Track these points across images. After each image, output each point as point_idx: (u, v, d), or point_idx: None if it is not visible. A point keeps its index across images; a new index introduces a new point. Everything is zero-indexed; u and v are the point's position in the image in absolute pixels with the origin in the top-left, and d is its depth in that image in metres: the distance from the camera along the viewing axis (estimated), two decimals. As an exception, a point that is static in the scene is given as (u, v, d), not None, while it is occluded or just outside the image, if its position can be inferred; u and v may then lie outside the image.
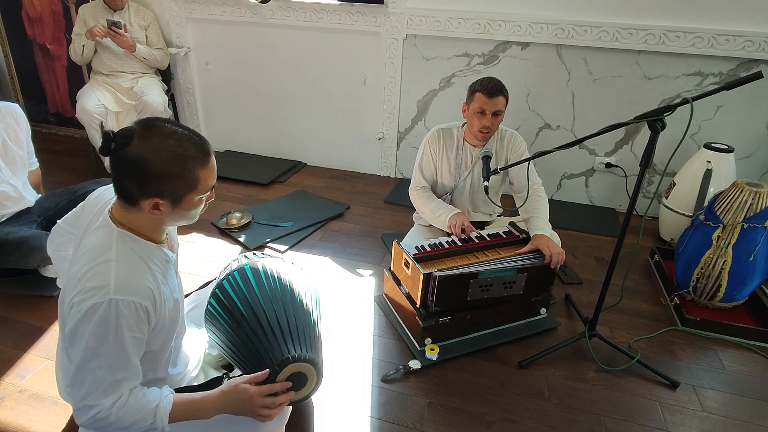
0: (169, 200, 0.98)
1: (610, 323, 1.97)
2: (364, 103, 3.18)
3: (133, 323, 0.96)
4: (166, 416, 1.01)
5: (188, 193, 0.99)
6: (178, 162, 0.95)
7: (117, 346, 0.95)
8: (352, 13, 2.90)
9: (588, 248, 2.55)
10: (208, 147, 1.01)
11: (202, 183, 1.00)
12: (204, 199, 1.05)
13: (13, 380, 1.58)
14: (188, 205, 1.01)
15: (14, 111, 2.04)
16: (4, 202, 2.00)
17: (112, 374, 0.96)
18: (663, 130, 1.37)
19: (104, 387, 0.96)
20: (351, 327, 1.90)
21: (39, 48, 3.56)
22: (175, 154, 0.94)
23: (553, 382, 1.67)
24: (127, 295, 0.95)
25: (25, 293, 1.96)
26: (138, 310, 0.96)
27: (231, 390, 1.08)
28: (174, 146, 0.94)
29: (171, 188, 0.96)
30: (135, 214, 1.02)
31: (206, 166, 0.99)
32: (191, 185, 0.98)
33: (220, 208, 2.77)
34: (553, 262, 1.74)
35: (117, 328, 0.94)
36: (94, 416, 0.97)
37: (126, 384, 1.00)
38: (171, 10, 3.20)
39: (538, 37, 2.68)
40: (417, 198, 2.07)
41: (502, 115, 1.88)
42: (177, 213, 1.02)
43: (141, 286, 0.98)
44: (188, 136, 0.98)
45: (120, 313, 0.93)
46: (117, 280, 0.95)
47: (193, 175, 0.97)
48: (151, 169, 0.93)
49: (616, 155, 2.88)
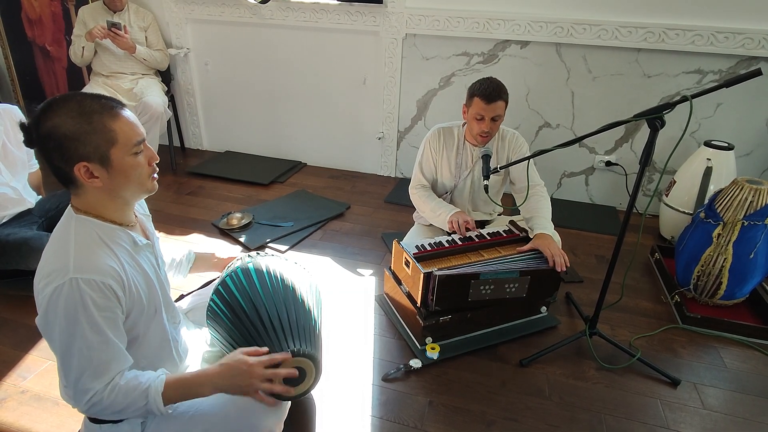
0: (96, 162, 0.97)
1: (611, 321, 1.97)
2: (363, 103, 3.18)
3: (100, 302, 0.96)
4: (158, 396, 1.00)
5: (110, 148, 0.97)
6: (84, 118, 0.95)
7: (91, 325, 0.95)
8: (351, 12, 2.90)
9: (588, 246, 2.55)
10: (114, 102, 1.00)
11: (120, 136, 0.98)
12: (141, 159, 1.03)
13: (15, 381, 1.59)
14: (121, 164, 0.99)
15: (13, 113, 2.04)
16: (5, 203, 2.00)
17: (96, 356, 0.96)
18: (662, 127, 1.37)
19: (92, 369, 0.96)
20: (352, 326, 1.90)
21: (39, 50, 3.56)
22: (78, 113, 0.95)
23: (553, 380, 1.67)
24: (87, 274, 0.95)
25: (26, 294, 1.96)
26: (102, 289, 0.96)
27: (229, 362, 1.06)
28: (75, 107, 0.95)
29: (90, 147, 0.96)
30: (85, 196, 1.02)
31: (116, 117, 0.98)
32: (109, 139, 0.97)
33: (221, 209, 2.78)
34: (557, 264, 1.73)
35: (85, 307, 0.94)
36: (89, 400, 0.97)
37: (114, 365, 0.99)
38: (170, 11, 3.20)
39: (537, 35, 2.68)
40: (417, 197, 2.07)
41: (501, 119, 1.88)
42: (116, 177, 1.00)
43: (102, 265, 0.98)
44: (90, 96, 0.99)
45: (83, 292, 0.93)
46: (76, 261, 0.95)
47: (104, 127, 0.96)
48: (63, 134, 0.94)
49: (616, 153, 2.88)
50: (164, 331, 1.19)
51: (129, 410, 1.00)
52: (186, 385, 1.05)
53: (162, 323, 1.18)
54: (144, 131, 1.04)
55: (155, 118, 2.88)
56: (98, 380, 0.98)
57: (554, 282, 1.82)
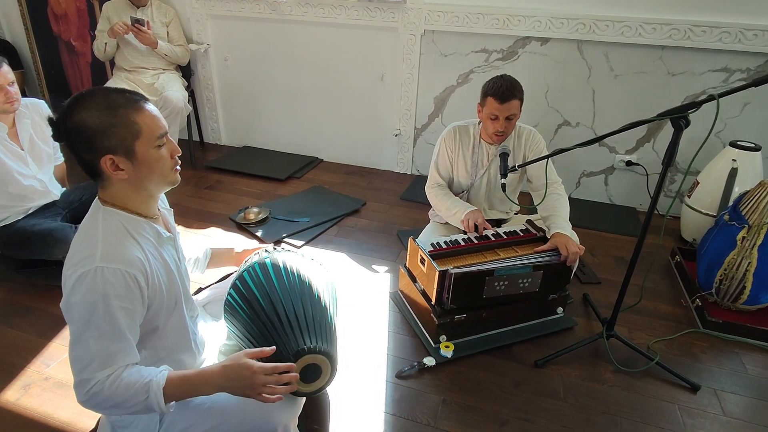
0: (122, 155, 0.99)
1: (629, 324, 1.94)
2: (380, 100, 3.17)
3: (121, 292, 0.97)
4: (159, 391, 0.99)
5: (135, 140, 0.99)
6: (109, 112, 0.97)
7: (107, 316, 0.96)
8: (370, 9, 2.90)
9: (607, 247, 2.51)
10: (139, 96, 1.03)
11: (144, 129, 1.00)
12: (164, 152, 1.05)
13: (39, 368, 1.63)
14: (145, 157, 1.01)
15: (40, 107, 2.09)
16: (31, 195, 2.06)
17: (105, 346, 0.97)
18: (687, 127, 1.34)
19: (99, 359, 0.97)
20: (366, 323, 1.91)
21: (64, 44, 3.64)
22: (104, 106, 0.97)
23: (569, 382, 1.66)
24: (113, 263, 0.97)
25: (50, 284, 2.02)
26: (126, 278, 0.98)
27: (233, 364, 1.05)
28: (101, 100, 0.98)
29: (116, 140, 0.98)
30: (111, 188, 1.05)
31: (140, 111, 1.00)
32: (134, 132, 0.99)
33: (238, 203, 2.81)
34: (570, 260, 1.72)
35: (105, 296, 0.95)
36: (89, 389, 0.97)
37: (121, 358, 1.00)
38: (192, 6, 3.24)
39: (558, 32, 2.64)
40: (433, 196, 2.06)
41: (516, 118, 1.85)
42: (140, 169, 1.02)
43: (128, 256, 1.00)
44: (115, 90, 1.01)
45: (107, 281, 0.95)
46: (103, 250, 0.98)
47: (129, 120, 0.99)
48: (90, 127, 0.96)
49: (637, 153, 2.82)
50: (183, 323, 1.22)
51: (128, 404, 0.99)
52: (188, 383, 1.04)
53: (182, 315, 1.20)
54: (166, 124, 1.06)
55: (176, 113, 2.92)
56: (103, 371, 0.98)
57: (565, 275, 1.80)
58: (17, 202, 2.03)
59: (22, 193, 2.02)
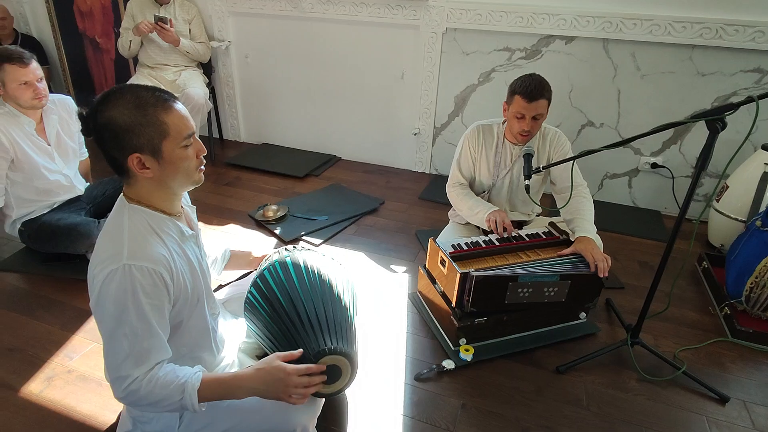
0: (149, 153, 1.00)
1: (654, 331, 1.89)
2: (400, 98, 3.15)
3: (149, 289, 0.99)
4: (194, 393, 1.02)
5: (162, 140, 1.00)
6: (138, 111, 0.97)
7: (138, 313, 0.98)
8: (392, 6, 2.88)
9: (630, 251, 2.45)
10: (168, 95, 1.02)
11: (172, 128, 1.00)
12: (190, 152, 1.05)
13: (62, 361, 1.66)
14: (171, 156, 1.02)
15: (67, 103, 2.13)
16: (57, 190, 2.09)
17: (139, 342, 0.99)
18: (723, 130, 1.29)
19: (134, 356, 0.99)
20: (384, 323, 1.89)
21: (89, 41, 3.70)
22: (133, 105, 0.98)
23: (592, 389, 1.62)
24: (140, 261, 0.98)
25: (74, 277, 2.05)
26: (153, 276, 0.99)
27: (267, 367, 1.07)
28: (131, 98, 0.98)
29: (143, 139, 0.98)
30: (136, 186, 1.05)
31: (169, 110, 1.00)
32: (161, 131, 0.99)
33: (258, 200, 2.82)
34: (600, 269, 1.66)
35: (134, 293, 0.97)
36: (127, 387, 0.99)
37: (155, 354, 1.02)
38: (214, 3, 3.26)
39: (583, 31, 2.58)
40: (454, 195, 2.04)
41: (543, 118, 1.81)
42: (166, 168, 1.03)
43: (154, 253, 1.01)
44: (145, 88, 1.01)
45: (135, 278, 0.96)
46: (129, 247, 0.99)
47: (158, 119, 0.99)
48: (119, 125, 0.97)
49: (663, 155, 2.75)
50: (205, 320, 1.22)
51: (164, 403, 1.02)
52: (222, 386, 1.07)
53: (203, 313, 1.21)
54: (194, 125, 1.06)
55: (197, 110, 2.94)
56: (138, 368, 1.00)
57: (595, 288, 1.76)
58: (43, 197, 2.06)
59: (48, 187, 2.06)
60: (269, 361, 1.09)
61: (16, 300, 1.94)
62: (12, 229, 2.09)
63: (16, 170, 1.97)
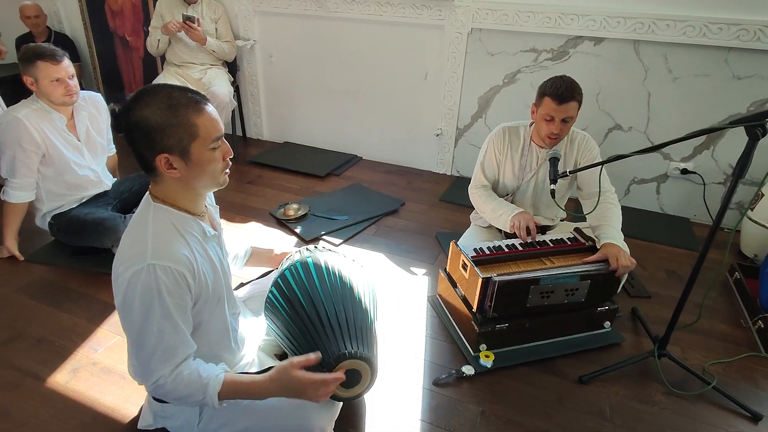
0: (177, 154, 1.01)
1: (681, 343, 1.83)
2: (423, 98, 3.13)
3: (173, 289, 1.00)
4: (215, 394, 1.05)
5: (191, 141, 1.00)
6: (171, 111, 0.98)
7: (163, 311, 1.00)
8: (417, 6, 2.86)
9: (657, 260, 2.38)
10: (200, 97, 1.03)
11: (202, 130, 1.01)
12: (218, 154, 1.06)
13: (87, 353, 1.69)
14: (199, 158, 1.02)
15: (97, 100, 2.17)
16: (86, 185, 2.14)
17: (165, 340, 1.02)
18: (765, 136, 1.23)
19: (160, 352, 1.02)
20: (403, 326, 1.88)
21: (119, 39, 3.78)
22: (166, 105, 0.98)
23: (615, 401, 1.57)
24: (164, 261, 0.99)
25: (100, 271, 2.09)
26: (175, 276, 1.00)
27: (283, 378, 1.07)
28: (164, 99, 0.99)
29: (173, 140, 0.99)
30: (162, 185, 1.07)
31: (200, 112, 1.01)
32: (191, 133, 1.00)
33: (279, 199, 2.83)
34: (619, 271, 1.64)
35: (159, 293, 0.99)
36: (155, 383, 1.03)
37: (181, 350, 1.05)
38: (240, 3, 3.29)
39: (613, 32, 2.51)
40: (477, 197, 2.01)
41: (572, 121, 1.77)
42: (193, 169, 1.03)
43: (177, 254, 1.02)
44: (178, 89, 1.02)
45: (159, 278, 0.98)
46: (153, 247, 1.00)
47: (189, 121, 1.00)
48: (151, 125, 0.98)
49: (694, 161, 2.66)
50: (225, 320, 1.22)
51: (188, 399, 1.06)
52: (242, 389, 1.09)
53: (224, 312, 1.21)
54: (223, 127, 1.07)
55: (221, 108, 2.98)
56: (166, 364, 1.03)
57: (612, 286, 1.72)
58: (72, 191, 2.12)
59: (77, 182, 2.11)
60: (284, 371, 1.07)
61: (46, 292, 1.99)
62: (42, 222, 2.15)
63: (47, 165, 2.02)
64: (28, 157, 1.96)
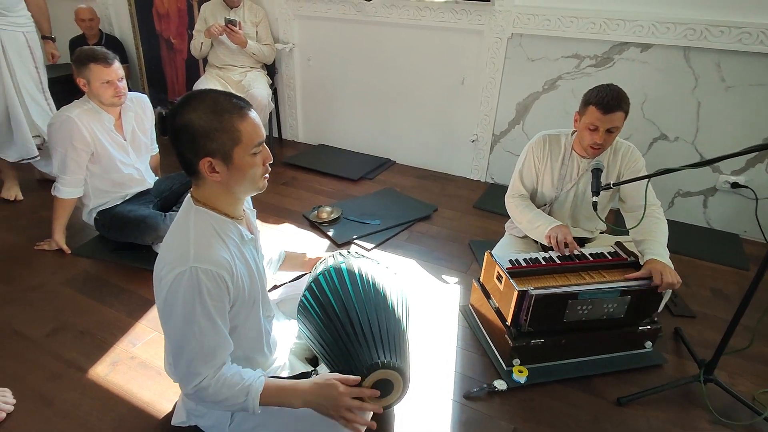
0: (220, 158, 1.02)
1: (728, 368, 1.73)
2: (459, 104, 3.09)
3: (213, 291, 1.02)
4: (257, 397, 1.07)
5: (234, 146, 1.02)
6: (216, 117, 1.00)
7: (204, 313, 1.02)
8: (456, 11, 2.83)
9: (702, 277, 2.27)
10: (244, 103, 1.05)
11: (245, 136, 1.03)
12: (258, 159, 1.07)
13: (126, 347, 1.75)
14: (241, 163, 1.04)
15: (143, 101, 2.25)
16: (130, 183, 2.22)
17: (207, 341, 1.04)
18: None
19: (203, 354, 1.04)
20: (434, 335, 1.85)
21: (164, 42, 3.91)
22: (211, 110, 1.00)
23: (656, 426, 1.50)
24: (205, 264, 1.01)
25: (142, 267, 2.16)
26: (216, 278, 1.02)
27: (323, 383, 1.10)
28: (210, 104, 1.01)
29: (217, 144, 1.01)
30: (204, 188, 1.09)
31: (244, 118, 1.03)
32: (234, 138, 1.02)
33: (312, 201, 2.86)
34: (662, 287, 1.56)
35: (200, 295, 1.00)
36: (197, 384, 1.05)
37: (221, 352, 1.07)
38: (280, 6, 3.34)
39: (662, 38, 2.42)
40: (514, 206, 1.96)
41: (617, 132, 1.70)
42: (234, 173, 1.05)
43: (217, 257, 1.04)
44: (223, 95, 1.04)
45: (201, 281, 1.00)
46: (195, 250, 1.02)
47: (232, 126, 1.01)
48: (195, 129, 1.00)
49: (746, 174, 2.52)
50: (259, 323, 1.24)
51: (228, 402, 1.07)
52: (282, 392, 1.10)
53: (258, 315, 1.23)
54: (264, 133, 1.08)
55: (259, 110, 3.03)
56: (207, 365, 1.05)
57: (654, 303, 1.64)
58: (117, 189, 2.20)
59: (122, 180, 2.19)
60: (327, 377, 1.11)
61: (90, 285, 2.07)
62: (88, 217, 2.24)
63: (94, 163, 2.10)
64: (78, 155, 2.05)
